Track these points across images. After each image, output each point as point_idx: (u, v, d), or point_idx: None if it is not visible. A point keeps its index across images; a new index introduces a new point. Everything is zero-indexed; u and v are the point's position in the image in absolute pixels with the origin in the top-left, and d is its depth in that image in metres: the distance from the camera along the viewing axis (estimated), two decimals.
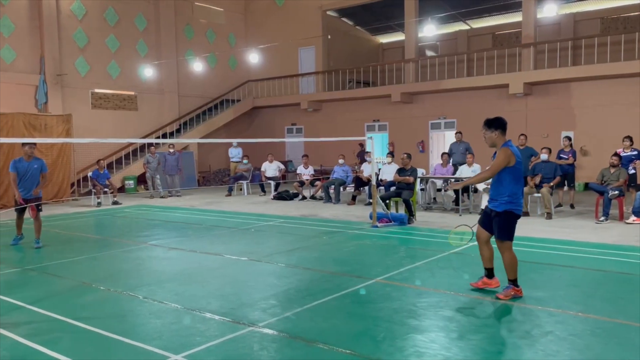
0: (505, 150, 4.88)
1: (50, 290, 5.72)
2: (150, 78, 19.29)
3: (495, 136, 4.99)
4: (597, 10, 19.48)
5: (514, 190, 4.93)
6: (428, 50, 23.11)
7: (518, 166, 4.93)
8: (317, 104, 21.11)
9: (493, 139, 5.01)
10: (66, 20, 17.54)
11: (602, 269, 6.26)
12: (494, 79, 16.78)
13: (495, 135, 4.99)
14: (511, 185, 4.91)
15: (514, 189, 4.93)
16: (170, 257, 7.52)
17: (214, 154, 21.62)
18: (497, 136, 4.99)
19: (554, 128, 16.05)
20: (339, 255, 7.43)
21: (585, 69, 15.28)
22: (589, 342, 3.96)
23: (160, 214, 12.43)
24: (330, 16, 22.05)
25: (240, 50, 22.28)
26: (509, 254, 5.00)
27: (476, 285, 5.34)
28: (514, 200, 4.93)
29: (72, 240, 9.03)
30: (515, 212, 4.96)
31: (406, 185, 10.52)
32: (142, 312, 4.93)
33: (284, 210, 12.43)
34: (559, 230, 8.91)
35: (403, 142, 18.07)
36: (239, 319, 4.59)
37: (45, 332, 4.37)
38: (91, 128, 17.03)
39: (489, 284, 5.28)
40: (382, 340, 4.09)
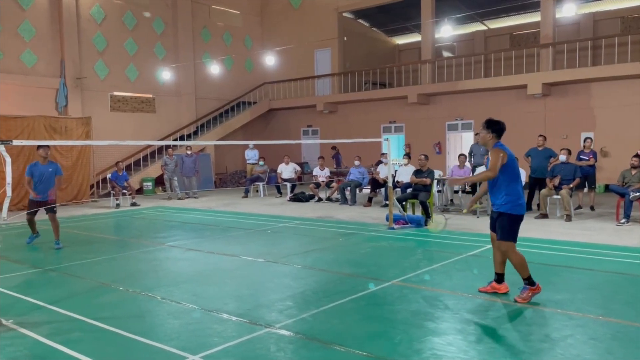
0: (496, 150, 4.91)
1: (70, 291, 5.80)
2: (168, 81, 19.50)
3: (489, 137, 5.03)
4: (617, 10, 19.17)
5: (510, 190, 4.91)
6: (445, 51, 22.97)
7: (512, 165, 4.92)
8: (333, 106, 21.11)
9: (486, 140, 5.06)
10: (86, 24, 17.81)
11: (623, 272, 6.15)
12: (512, 79, 16.61)
13: (490, 137, 5.03)
14: (505, 185, 4.91)
15: (510, 189, 4.91)
16: (187, 258, 7.58)
17: (231, 156, 21.75)
18: (491, 138, 5.03)
19: (574, 129, 15.84)
20: (355, 257, 7.42)
21: (606, 69, 15.06)
22: (609, 346, 3.90)
23: (177, 215, 12.54)
24: (346, 18, 22.06)
25: (256, 52, 22.40)
26: (513, 255, 4.95)
27: (484, 290, 5.27)
28: (512, 200, 4.91)
29: (92, 241, 9.15)
30: (514, 212, 4.93)
31: (423, 187, 10.47)
32: (160, 312, 4.97)
33: (300, 211, 12.45)
34: (579, 233, 8.79)
35: (420, 144, 17.98)
36: (256, 320, 4.61)
37: (65, 331, 4.43)
38: (110, 130, 17.25)
39: (497, 289, 5.22)
40: (399, 342, 4.07)
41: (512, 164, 4.91)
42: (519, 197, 4.94)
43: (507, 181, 4.91)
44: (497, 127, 5.02)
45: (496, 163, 4.84)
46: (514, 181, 4.93)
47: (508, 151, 4.94)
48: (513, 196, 4.90)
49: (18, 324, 4.58)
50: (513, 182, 4.92)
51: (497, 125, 5.03)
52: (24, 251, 8.12)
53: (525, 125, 16.10)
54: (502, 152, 4.86)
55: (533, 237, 8.38)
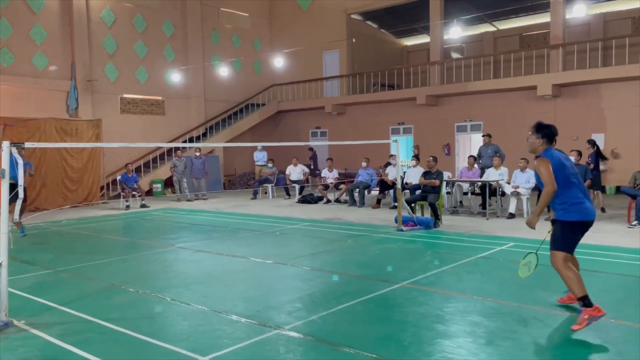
0: (540, 160, 4.49)
1: (81, 292, 5.84)
2: (177, 83, 19.60)
3: (538, 143, 4.56)
4: (628, 10, 19.02)
5: (563, 197, 4.49)
6: (453, 52, 22.90)
7: (558, 171, 4.44)
8: (342, 108, 21.11)
9: (535, 146, 4.59)
10: (96, 27, 17.95)
11: (635, 275, 6.10)
12: (522, 80, 16.53)
13: (539, 142, 4.55)
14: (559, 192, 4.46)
15: (563, 197, 4.49)
16: (196, 260, 7.61)
17: (239, 158, 21.81)
18: (541, 144, 4.56)
19: (584, 130, 15.71)
20: (364, 258, 7.42)
21: (616, 70, 14.94)
22: (621, 349, 3.87)
23: (186, 216, 12.60)
24: (354, 19, 22.07)
25: (265, 54, 22.45)
26: (561, 268, 4.44)
27: (562, 302, 4.95)
28: (566, 208, 4.49)
29: (102, 242, 9.21)
30: (566, 219, 4.49)
31: (432, 188, 10.43)
32: (170, 313, 4.99)
33: (308, 213, 12.46)
34: (589, 235, 8.59)
35: (428, 145, 17.93)
36: (265, 321, 4.62)
37: (76, 332, 4.46)
38: (120, 132, 17.35)
39: (574, 299, 4.64)
40: (408, 345, 4.06)
41: (562, 171, 4.45)
42: (574, 203, 4.48)
43: (559, 189, 4.44)
44: (547, 132, 4.55)
45: (548, 175, 4.40)
46: (566, 187, 4.47)
47: (554, 157, 4.48)
48: (566, 203, 4.49)
49: (29, 325, 4.62)
50: (565, 188, 4.46)
51: (548, 129, 4.57)
52: (34, 252, 8.18)
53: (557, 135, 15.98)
54: (546, 161, 4.42)
55: (543, 240, 8.30)
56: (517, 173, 11.36)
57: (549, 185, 4.39)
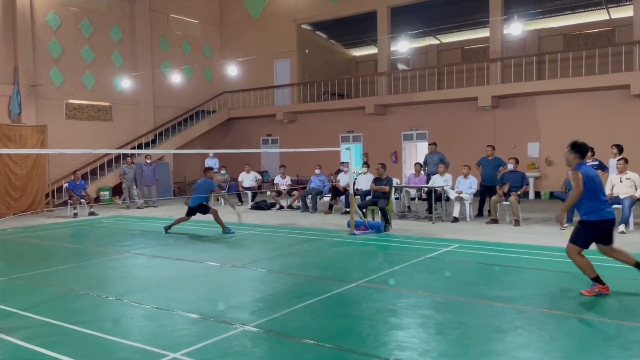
0: (573, 172, 5.42)
1: (41, 297, 5.85)
2: (126, 89, 19.33)
3: (572, 158, 5.54)
4: (560, 27, 20.44)
5: (590, 205, 5.40)
6: (400, 63, 23.74)
7: (588, 183, 5.37)
8: (293, 115, 21.45)
9: (570, 160, 5.57)
10: (40, 31, 17.49)
11: (567, 271, 6.70)
12: (464, 92, 17.41)
13: (573, 157, 5.54)
14: (585, 201, 5.40)
15: (590, 204, 5.40)
16: (155, 265, 7.70)
17: (190, 165, 21.68)
18: (574, 158, 5.52)
19: (521, 139, 16.75)
20: (320, 261, 7.74)
21: (549, 83, 16.04)
22: (554, 335, 4.36)
23: (139, 224, 12.52)
24: (304, 29, 22.50)
25: (215, 62, 22.49)
26: (577, 258, 5.44)
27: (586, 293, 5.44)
28: (590, 212, 5.41)
29: (55, 250, 9.10)
30: (590, 220, 5.41)
31: (382, 194, 10.90)
32: (135, 315, 5.13)
33: (262, 219, 12.67)
34: (526, 236, 9.41)
35: (377, 153, 18.51)
36: (230, 320, 4.84)
37: (44, 335, 4.53)
38: (66, 139, 16.94)
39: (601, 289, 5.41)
40: (366, 336, 4.41)
41: (588, 183, 5.36)
42: (596, 209, 5.39)
43: (586, 198, 5.38)
44: (581, 149, 5.53)
45: (578, 181, 5.34)
46: (593, 198, 5.39)
47: (585, 171, 5.44)
48: (592, 208, 5.39)
49: None
50: (592, 199, 5.39)
51: (579, 147, 5.53)
52: None
53: (476, 135, 16.92)
54: (577, 172, 5.37)
55: (484, 241, 8.95)
56: (461, 179, 12.02)
57: (577, 188, 5.35)
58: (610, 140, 12.11)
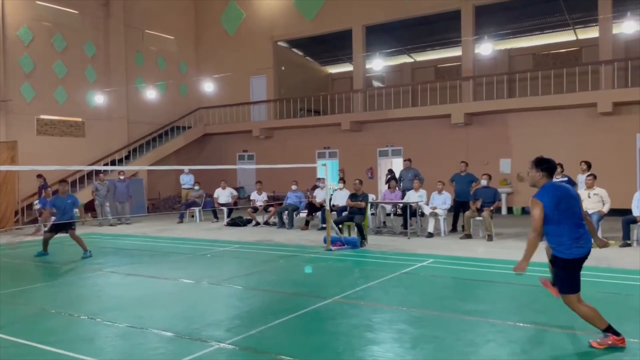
0: (532, 202, 4.36)
1: (11, 317, 5.70)
2: (99, 104, 19.15)
3: (538, 177, 4.46)
4: (529, 47, 21.05)
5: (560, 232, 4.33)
6: (375, 80, 24.07)
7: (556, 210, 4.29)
8: (269, 131, 21.50)
9: (536, 180, 4.49)
10: (12, 46, 17.25)
11: (537, 285, 6.83)
12: (437, 109, 17.73)
13: (539, 176, 4.46)
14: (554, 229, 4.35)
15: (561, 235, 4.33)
16: (128, 283, 7.59)
17: (164, 181, 21.49)
18: (541, 178, 4.46)
19: (493, 156, 17.10)
20: (296, 277, 7.74)
21: (520, 101, 16.47)
22: (525, 347, 4.46)
23: (112, 241, 12.32)
24: (280, 46, 22.68)
25: (191, 78, 22.46)
26: (576, 308, 4.34)
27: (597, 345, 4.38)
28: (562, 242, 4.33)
29: (24, 269, 8.89)
30: (569, 257, 4.31)
31: (358, 210, 10.98)
32: (108, 334, 5.04)
33: (238, 236, 12.61)
34: (499, 251, 9.57)
35: (353, 169, 18.65)
36: (206, 338, 4.80)
37: (14, 356, 4.43)
38: (37, 155, 16.62)
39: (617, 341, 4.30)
40: (342, 351, 4.43)
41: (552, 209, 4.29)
42: (574, 238, 4.31)
43: (555, 224, 4.32)
44: (546, 166, 4.46)
45: (537, 219, 4.27)
46: (562, 223, 4.31)
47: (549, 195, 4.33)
48: (564, 240, 4.32)
49: None
50: (562, 224, 4.31)
51: (547, 163, 4.48)
52: None
53: (450, 152, 17.21)
54: (537, 203, 4.30)
55: (458, 256, 9.08)
56: (435, 195, 12.19)
57: (534, 231, 4.29)
58: (579, 157, 12.47)
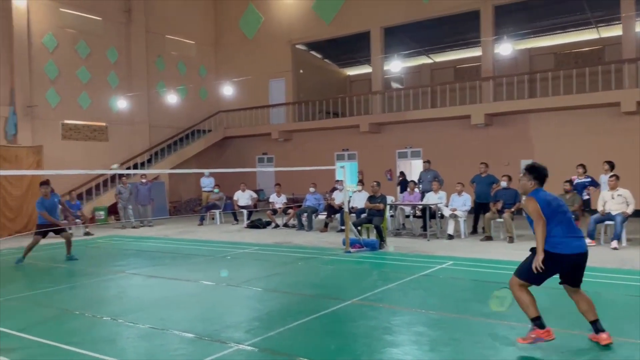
0: (528, 200, 4.56)
1: (36, 318, 5.85)
2: (122, 109, 19.48)
3: (530, 185, 4.59)
4: (550, 46, 20.78)
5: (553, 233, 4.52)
6: (393, 82, 24.02)
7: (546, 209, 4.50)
8: (288, 134, 21.59)
9: (526, 187, 4.61)
10: (37, 53, 17.65)
11: (558, 287, 6.74)
12: (457, 110, 17.61)
13: (531, 184, 4.59)
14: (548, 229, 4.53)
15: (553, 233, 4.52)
16: (150, 285, 7.70)
17: (185, 184, 21.74)
18: (532, 185, 4.59)
19: (514, 156, 16.88)
20: (315, 279, 7.77)
21: (541, 101, 16.25)
22: (546, 350, 4.40)
23: (134, 243, 12.51)
24: (299, 49, 22.78)
25: (211, 82, 22.70)
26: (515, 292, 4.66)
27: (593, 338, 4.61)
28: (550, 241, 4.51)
29: (49, 271, 9.09)
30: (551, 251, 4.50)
31: (377, 212, 10.96)
32: (130, 335, 5.14)
33: (257, 238, 12.69)
34: (520, 253, 9.39)
35: (372, 171, 18.63)
36: (225, 339, 4.86)
37: (39, 356, 4.55)
38: (61, 159, 16.97)
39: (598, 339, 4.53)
40: (360, 353, 4.43)
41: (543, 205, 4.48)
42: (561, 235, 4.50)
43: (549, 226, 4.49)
44: (538, 174, 4.58)
45: (537, 211, 4.44)
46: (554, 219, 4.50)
47: (540, 196, 4.53)
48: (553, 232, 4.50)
49: None
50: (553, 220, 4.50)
51: (539, 171, 4.59)
52: None
53: (469, 153, 17.06)
54: (532, 199, 4.49)
55: (478, 258, 9.00)
56: (455, 197, 12.11)
57: (539, 219, 4.43)
58: (602, 157, 12.24)
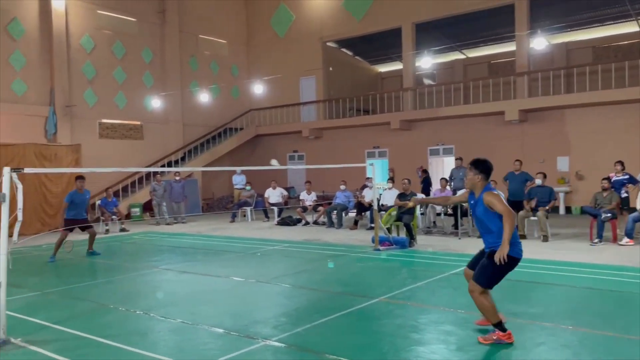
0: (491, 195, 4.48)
1: (72, 312, 6.05)
2: (156, 108, 19.89)
3: (477, 179, 4.60)
4: (588, 40, 20.19)
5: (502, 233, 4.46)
6: (425, 78, 23.75)
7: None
8: (319, 132, 21.63)
9: (474, 182, 4.63)
10: (75, 54, 18.18)
11: (594, 287, 6.59)
12: (490, 106, 17.30)
13: (478, 179, 4.59)
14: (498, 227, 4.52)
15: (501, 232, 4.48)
16: (182, 280, 7.86)
17: (217, 181, 22.05)
18: (479, 180, 4.59)
19: (550, 153, 16.51)
20: (343, 276, 7.78)
21: (578, 97, 15.80)
22: (577, 351, 4.30)
23: (167, 240, 12.77)
24: (330, 47, 22.77)
25: (243, 81, 22.93)
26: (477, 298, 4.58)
27: (480, 323, 4.96)
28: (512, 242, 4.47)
29: (86, 266, 9.37)
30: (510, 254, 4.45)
31: (406, 209, 10.88)
32: (161, 329, 5.26)
33: (287, 235, 12.78)
34: (555, 252, 9.25)
35: (403, 168, 18.48)
36: (253, 334, 4.92)
37: (74, 348, 4.70)
38: (99, 157, 17.48)
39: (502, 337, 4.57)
40: (386, 351, 4.43)
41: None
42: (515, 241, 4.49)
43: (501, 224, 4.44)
44: (484, 167, 4.59)
45: (504, 204, 4.40)
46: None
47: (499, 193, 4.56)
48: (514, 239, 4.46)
49: (27, 342, 4.83)
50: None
51: (484, 165, 4.61)
52: (20, 276, 8.28)
53: (503, 150, 16.73)
54: (496, 194, 4.48)
55: None
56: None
57: (508, 210, 4.38)
58: None
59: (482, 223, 4.65)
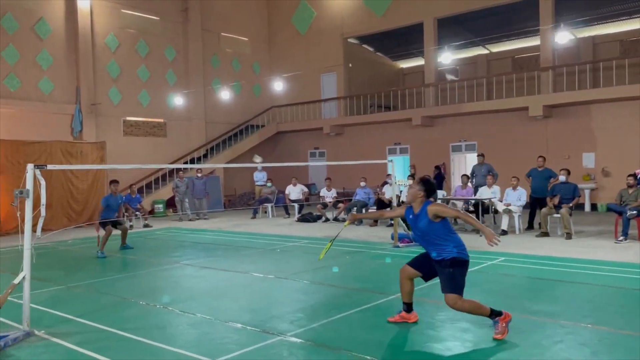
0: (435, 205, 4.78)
1: (95, 305, 6.19)
2: (179, 106, 20.14)
3: (420, 195, 4.83)
4: (616, 33, 19.71)
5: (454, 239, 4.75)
6: (448, 74, 23.52)
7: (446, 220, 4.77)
8: (340, 128, 21.62)
9: (417, 196, 4.85)
10: (100, 53, 18.51)
11: (617, 286, 6.46)
12: (514, 102, 17.05)
13: (421, 194, 4.83)
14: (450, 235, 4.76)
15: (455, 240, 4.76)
16: (202, 276, 7.97)
17: (239, 178, 22.22)
18: (422, 197, 4.83)
19: (575, 149, 16.20)
20: (361, 273, 7.79)
21: (605, 91, 15.46)
22: (596, 350, 4.23)
23: (189, 235, 12.95)
24: (351, 43, 22.72)
25: (264, 78, 23.05)
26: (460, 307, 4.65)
27: (394, 320, 5.10)
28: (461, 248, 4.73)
29: (110, 260, 9.56)
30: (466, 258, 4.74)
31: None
32: (180, 323, 5.35)
33: (307, 231, 12.82)
34: (578, 250, 9.10)
35: (424, 165, 18.34)
36: (269, 329, 4.97)
37: (95, 340, 4.81)
38: (123, 154, 17.79)
39: (407, 318, 5.09)
40: (402, 347, 4.43)
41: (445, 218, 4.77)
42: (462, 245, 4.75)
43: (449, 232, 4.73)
44: (430, 187, 4.86)
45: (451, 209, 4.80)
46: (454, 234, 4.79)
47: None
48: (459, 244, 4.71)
49: (50, 334, 4.97)
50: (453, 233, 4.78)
51: (432, 185, 4.91)
52: (45, 270, 8.50)
53: (527, 146, 16.50)
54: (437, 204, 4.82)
55: (532, 254, 8.72)
56: (509, 191, 11.76)
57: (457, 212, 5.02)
58: None
59: (425, 235, 4.78)
